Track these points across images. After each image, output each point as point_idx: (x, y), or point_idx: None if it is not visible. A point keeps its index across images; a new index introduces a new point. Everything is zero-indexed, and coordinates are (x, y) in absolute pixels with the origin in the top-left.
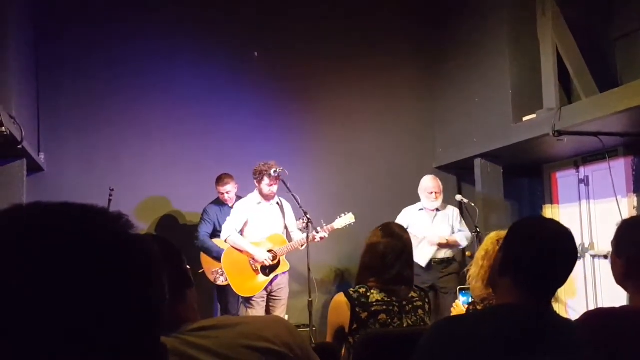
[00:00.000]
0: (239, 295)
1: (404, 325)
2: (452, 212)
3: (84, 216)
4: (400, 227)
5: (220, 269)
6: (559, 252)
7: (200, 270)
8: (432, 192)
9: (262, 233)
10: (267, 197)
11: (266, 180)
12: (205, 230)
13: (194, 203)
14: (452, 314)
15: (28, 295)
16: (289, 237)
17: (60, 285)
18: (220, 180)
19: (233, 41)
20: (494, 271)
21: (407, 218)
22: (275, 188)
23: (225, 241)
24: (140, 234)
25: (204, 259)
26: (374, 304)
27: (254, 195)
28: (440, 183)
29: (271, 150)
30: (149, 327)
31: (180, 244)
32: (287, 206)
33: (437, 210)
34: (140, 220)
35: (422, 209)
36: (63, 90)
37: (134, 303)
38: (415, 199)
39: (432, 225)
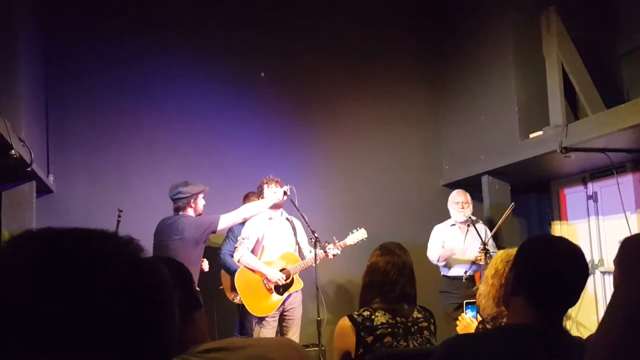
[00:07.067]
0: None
1: (410, 347)
2: (485, 230)
3: (95, 241)
4: (399, 245)
5: None
6: (572, 270)
7: (221, 287)
8: (458, 202)
9: (274, 251)
10: (276, 206)
11: (272, 187)
12: (228, 248)
13: None
14: (457, 327)
15: (39, 320)
16: (301, 255)
17: (70, 311)
18: (247, 198)
19: (240, 62)
20: (507, 290)
21: (439, 234)
22: (279, 190)
23: (238, 262)
24: (149, 257)
25: (224, 276)
26: (379, 327)
27: (264, 212)
28: (467, 195)
29: (279, 168)
30: (160, 351)
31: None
32: (298, 223)
33: (469, 225)
34: (149, 241)
35: (454, 224)
36: (72, 112)
37: (145, 327)
38: (422, 216)
39: (464, 241)
